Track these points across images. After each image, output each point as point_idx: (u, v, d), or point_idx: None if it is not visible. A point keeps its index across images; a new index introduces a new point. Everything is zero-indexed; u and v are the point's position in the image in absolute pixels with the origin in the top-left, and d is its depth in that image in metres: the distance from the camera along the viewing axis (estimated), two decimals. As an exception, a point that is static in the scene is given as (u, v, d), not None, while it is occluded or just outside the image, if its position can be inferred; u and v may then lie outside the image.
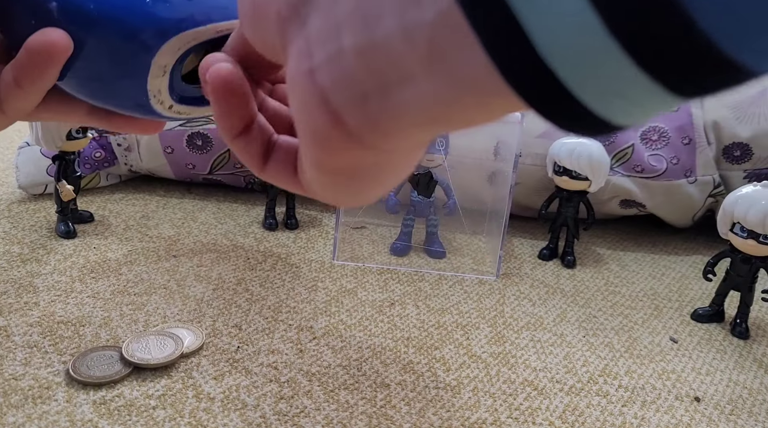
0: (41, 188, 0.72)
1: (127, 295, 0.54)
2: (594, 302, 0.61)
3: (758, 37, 0.11)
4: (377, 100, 0.16)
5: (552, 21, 0.12)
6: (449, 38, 0.14)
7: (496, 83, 0.13)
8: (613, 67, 0.12)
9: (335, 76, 0.16)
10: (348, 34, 0.15)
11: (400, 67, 0.15)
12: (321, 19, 0.16)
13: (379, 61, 0.15)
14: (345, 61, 0.16)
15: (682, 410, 0.46)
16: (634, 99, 0.12)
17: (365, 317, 0.54)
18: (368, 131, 0.17)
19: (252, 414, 0.41)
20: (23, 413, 0.39)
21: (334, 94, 0.16)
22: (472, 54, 0.13)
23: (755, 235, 0.54)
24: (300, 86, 0.17)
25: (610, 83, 0.12)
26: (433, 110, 0.15)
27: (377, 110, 0.16)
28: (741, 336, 0.57)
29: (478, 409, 0.43)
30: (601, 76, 0.12)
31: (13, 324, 0.48)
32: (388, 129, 0.17)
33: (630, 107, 0.13)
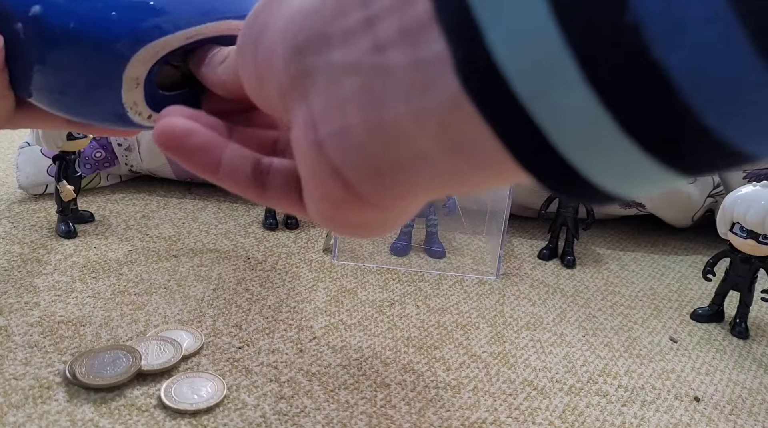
0: (42, 188, 0.72)
1: (128, 295, 0.54)
2: (594, 302, 0.61)
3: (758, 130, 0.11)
4: (391, 174, 0.16)
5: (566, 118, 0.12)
6: (460, 122, 0.14)
7: (510, 163, 0.14)
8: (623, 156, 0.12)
9: (345, 150, 0.16)
10: (354, 113, 0.15)
11: (413, 146, 0.15)
12: (323, 95, 0.16)
13: (390, 140, 0.15)
14: (354, 138, 0.15)
15: (682, 410, 0.46)
16: (644, 179, 0.13)
17: (365, 317, 0.54)
18: (381, 198, 0.17)
19: (252, 413, 0.41)
20: (24, 413, 0.39)
21: (344, 167, 0.16)
22: (484, 138, 0.14)
23: (755, 235, 0.54)
24: (308, 155, 0.17)
25: (620, 168, 0.13)
26: (447, 182, 0.16)
27: (390, 182, 0.16)
28: (740, 335, 0.57)
29: (478, 409, 0.43)
30: (618, 166, 0.13)
31: (13, 324, 0.48)
32: (401, 196, 0.17)
33: (639, 185, 0.14)
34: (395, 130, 0.15)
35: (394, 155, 0.15)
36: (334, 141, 0.16)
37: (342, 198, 0.17)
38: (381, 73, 0.14)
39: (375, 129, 0.15)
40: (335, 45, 0.15)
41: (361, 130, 0.15)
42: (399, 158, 0.15)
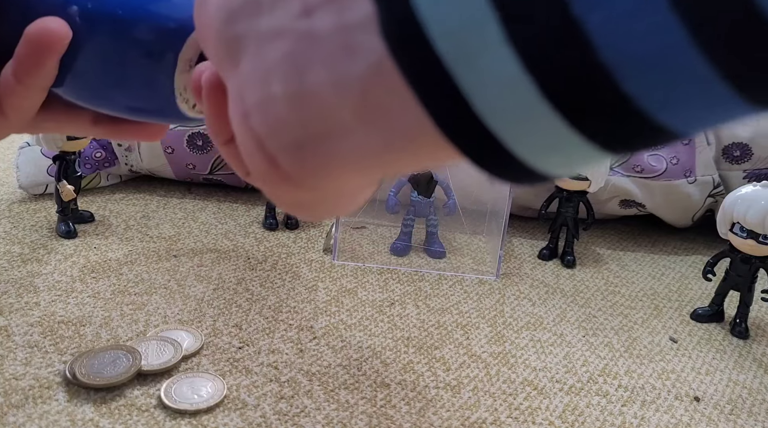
0: (42, 188, 0.72)
1: (128, 295, 0.54)
2: (594, 302, 0.61)
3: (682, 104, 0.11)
4: (310, 148, 0.15)
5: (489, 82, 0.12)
6: (382, 91, 0.13)
7: (431, 135, 0.13)
8: (545, 126, 0.12)
9: (267, 122, 0.15)
10: (277, 82, 0.15)
11: (333, 119, 0.14)
12: (250, 64, 0.15)
13: (311, 111, 0.15)
14: (275, 108, 0.15)
15: (682, 410, 0.46)
16: (567, 154, 0.13)
17: (365, 317, 0.54)
18: (303, 176, 0.16)
19: (252, 413, 0.41)
20: (24, 413, 0.39)
21: (267, 139, 0.16)
22: (406, 107, 0.13)
23: (755, 235, 0.54)
24: (236, 127, 0.17)
25: (543, 140, 0.12)
26: (368, 159, 0.15)
27: (311, 157, 0.15)
28: (740, 335, 0.57)
29: (478, 409, 0.43)
30: (535, 133, 0.12)
31: (13, 324, 0.48)
32: (323, 175, 0.16)
33: (563, 161, 0.13)
34: (316, 100, 0.14)
35: (314, 127, 0.15)
36: (258, 112, 0.15)
37: (267, 174, 0.17)
38: (306, 39, 0.14)
39: (296, 99, 0.15)
40: (265, 10, 0.15)
41: (282, 100, 0.15)
42: (319, 131, 0.15)
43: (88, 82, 0.27)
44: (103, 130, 0.31)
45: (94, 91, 0.27)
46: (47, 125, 0.29)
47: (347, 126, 0.14)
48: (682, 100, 0.11)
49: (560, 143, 0.12)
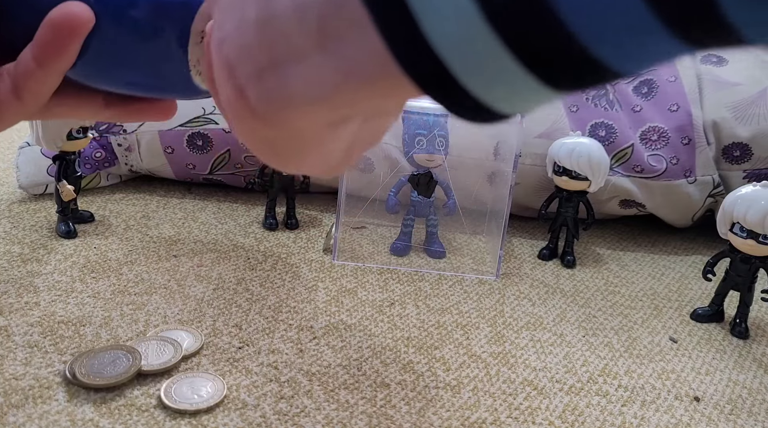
0: (42, 188, 0.72)
1: (128, 295, 0.54)
2: (594, 302, 0.61)
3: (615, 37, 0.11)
4: (270, 75, 0.16)
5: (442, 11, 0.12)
6: (341, 16, 0.14)
7: (386, 66, 0.14)
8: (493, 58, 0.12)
9: (237, 47, 0.16)
10: (250, 7, 0.16)
11: (292, 44, 0.15)
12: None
13: (273, 36, 0.15)
14: (245, 34, 0.16)
15: (682, 410, 0.46)
16: (514, 89, 0.13)
17: (365, 317, 0.54)
18: (265, 107, 0.17)
19: (252, 413, 0.41)
20: (24, 413, 0.39)
21: (237, 66, 0.17)
22: (363, 35, 0.14)
23: (755, 235, 0.54)
24: (213, 55, 0.17)
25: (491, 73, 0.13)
26: (324, 90, 0.15)
27: (271, 85, 0.16)
28: (740, 335, 0.57)
29: (478, 409, 0.43)
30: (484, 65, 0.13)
31: (13, 324, 0.48)
32: (282, 106, 0.17)
33: (511, 97, 0.13)
34: (279, 23, 0.15)
35: (275, 52, 0.15)
36: (231, 38, 0.16)
37: (237, 107, 0.17)
38: None
39: (263, 23, 0.15)
40: None
41: (253, 24, 0.16)
42: (280, 56, 0.15)
43: (104, 63, 0.27)
44: (115, 111, 0.31)
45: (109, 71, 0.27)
46: (59, 109, 0.29)
47: (305, 52, 0.15)
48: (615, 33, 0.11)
49: (504, 74, 0.13)
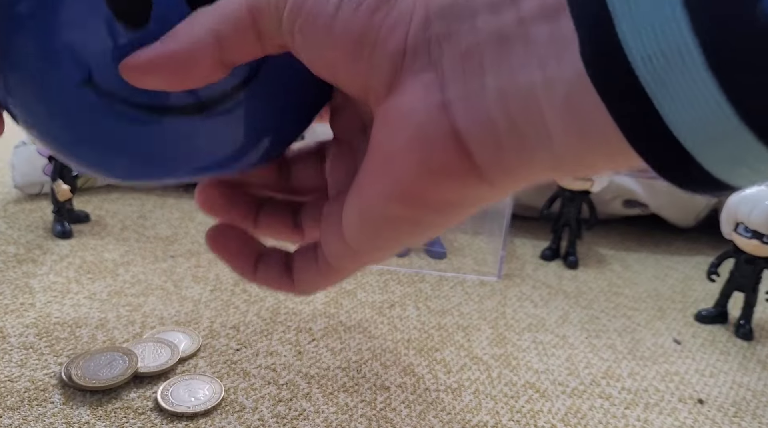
0: (37, 188, 0.72)
1: (124, 296, 0.53)
2: (597, 304, 0.61)
3: None
4: (510, 143, 0.16)
5: (686, 102, 0.13)
6: (583, 98, 0.15)
7: (624, 147, 0.15)
8: (738, 143, 0.13)
9: (472, 115, 0.16)
10: (491, 76, 0.16)
11: (536, 117, 0.16)
12: (460, 58, 0.17)
13: (517, 107, 0.16)
14: (485, 101, 0.16)
15: (686, 412, 0.45)
16: (754, 167, 0.14)
17: (365, 319, 0.53)
18: (494, 170, 0.17)
19: (250, 416, 0.40)
20: (19, 415, 0.39)
21: (468, 131, 0.17)
22: (602, 117, 0.14)
23: (759, 235, 0.53)
24: (421, 115, 0.17)
25: (737, 157, 0.14)
26: (559, 159, 0.16)
27: (508, 152, 0.16)
28: (745, 337, 0.56)
29: (479, 412, 0.43)
30: (730, 152, 0.14)
31: (8, 325, 0.48)
32: (515, 171, 0.17)
33: (749, 173, 0.14)
34: (525, 96, 0.15)
35: (516, 123, 0.16)
36: (464, 103, 0.16)
37: (452, 163, 0.17)
38: (523, 42, 0.15)
39: (507, 92, 0.16)
40: (480, 13, 0.16)
41: (493, 92, 0.16)
42: (521, 127, 0.16)
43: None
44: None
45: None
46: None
47: (547, 126, 0.16)
48: None
49: (749, 158, 0.14)
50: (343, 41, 0.18)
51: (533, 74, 0.15)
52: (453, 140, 0.17)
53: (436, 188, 0.18)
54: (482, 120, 0.16)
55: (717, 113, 0.13)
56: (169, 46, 0.20)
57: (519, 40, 0.15)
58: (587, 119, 0.15)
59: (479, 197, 0.19)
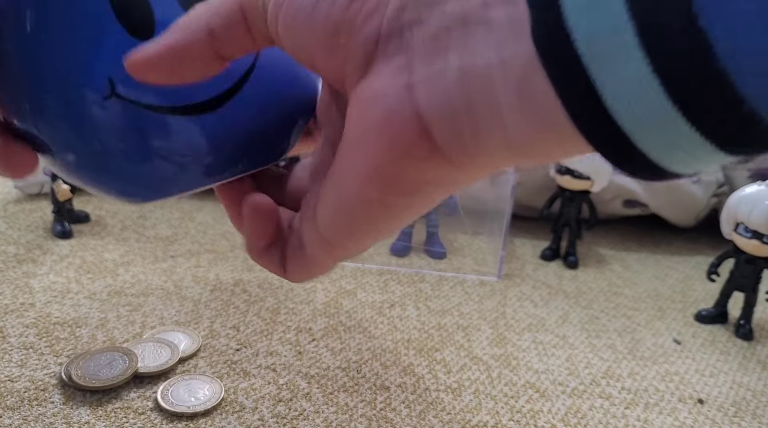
0: (37, 188, 0.72)
1: (124, 296, 0.53)
2: (597, 304, 0.61)
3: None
4: (468, 126, 0.17)
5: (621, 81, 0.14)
6: (535, 81, 0.15)
7: (573, 131, 0.15)
8: (669, 124, 0.14)
9: (433, 95, 0.17)
10: (454, 58, 0.16)
11: (492, 99, 0.16)
12: (429, 41, 0.17)
13: (475, 89, 0.16)
14: (445, 81, 0.17)
15: (686, 412, 0.45)
16: (687, 152, 0.14)
17: (365, 319, 0.53)
18: (456, 152, 0.18)
19: (250, 416, 0.40)
20: (19, 415, 0.39)
21: (428, 110, 0.17)
22: (552, 101, 0.15)
23: (759, 235, 0.53)
24: (388, 98, 0.18)
25: (670, 140, 0.14)
26: (513, 142, 0.17)
27: (466, 133, 0.17)
28: (745, 337, 0.56)
29: (479, 412, 0.43)
30: (663, 134, 0.14)
31: (8, 325, 0.48)
32: (475, 154, 0.18)
33: (688, 160, 0.15)
34: (483, 78, 0.16)
35: (473, 105, 0.16)
36: (426, 84, 0.17)
37: (415, 143, 0.18)
38: (484, 24, 0.16)
39: (467, 74, 0.16)
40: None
41: (454, 74, 0.16)
42: (477, 109, 0.16)
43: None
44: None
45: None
46: None
47: (501, 106, 0.16)
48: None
49: (681, 141, 0.14)
50: (321, 31, 0.19)
51: (491, 56, 0.16)
52: (416, 121, 0.17)
53: (405, 169, 0.18)
54: (441, 101, 0.17)
55: (649, 94, 0.13)
56: (165, 42, 0.21)
57: (481, 23, 0.16)
58: (538, 102, 0.15)
59: (448, 178, 0.19)
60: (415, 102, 0.17)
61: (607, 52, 0.14)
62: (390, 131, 0.18)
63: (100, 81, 0.23)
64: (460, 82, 0.16)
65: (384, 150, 0.18)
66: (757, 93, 0.13)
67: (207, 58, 0.21)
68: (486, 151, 0.17)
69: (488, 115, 0.16)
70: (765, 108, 0.13)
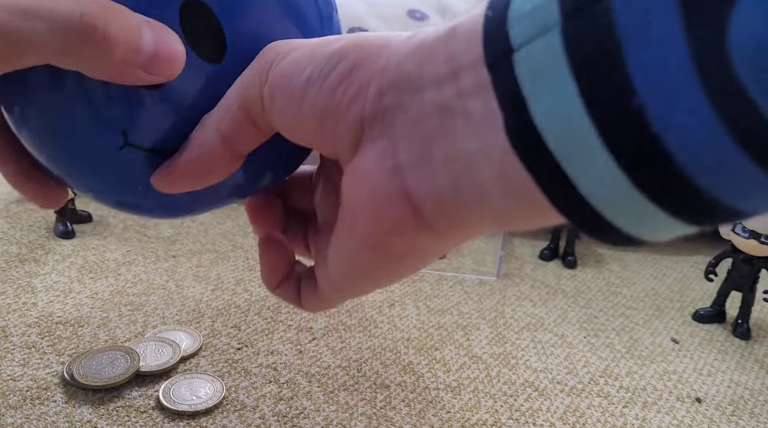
0: (40, 188, 0.72)
1: (126, 296, 0.54)
2: (595, 303, 0.61)
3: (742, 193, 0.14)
4: (453, 202, 0.18)
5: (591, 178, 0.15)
6: (513, 167, 0.16)
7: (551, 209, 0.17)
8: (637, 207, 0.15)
9: (421, 178, 0.18)
10: (437, 144, 0.18)
11: (475, 182, 0.17)
12: (409, 127, 0.18)
13: (459, 173, 0.18)
14: (431, 167, 0.18)
15: (684, 411, 0.45)
16: (655, 226, 0.16)
17: (365, 318, 0.54)
18: (442, 224, 0.19)
19: (251, 415, 0.41)
20: (22, 414, 0.39)
21: (417, 192, 0.19)
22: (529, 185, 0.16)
23: (756, 235, 0.54)
24: (376, 178, 0.19)
25: (640, 218, 0.16)
26: (497, 217, 0.18)
27: (453, 210, 0.19)
28: (742, 336, 0.57)
29: (478, 410, 0.43)
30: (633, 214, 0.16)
31: (11, 325, 0.48)
32: (460, 226, 0.19)
33: (652, 230, 0.16)
34: (466, 164, 0.17)
35: (459, 186, 0.18)
36: (413, 167, 0.18)
37: (405, 219, 0.19)
38: (462, 115, 0.17)
39: (451, 160, 0.18)
40: (427, 86, 0.18)
41: (439, 159, 0.18)
42: (463, 190, 0.18)
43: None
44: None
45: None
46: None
47: (486, 188, 0.17)
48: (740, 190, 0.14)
49: (650, 219, 0.16)
50: (311, 118, 0.21)
51: (471, 144, 0.17)
52: (405, 199, 0.19)
53: (395, 240, 0.20)
54: (429, 183, 0.18)
55: (617, 184, 0.15)
56: (186, 157, 0.23)
57: (459, 113, 0.17)
58: (517, 185, 0.17)
59: (434, 246, 0.21)
60: (404, 182, 0.19)
61: (575, 151, 0.15)
62: (380, 208, 0.19)
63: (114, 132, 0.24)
64: (444, 166, 0.18)
65: (374, 224, 0.20)
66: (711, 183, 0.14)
67: (226, 161, 0.23)
68: (471, 224, 0.19)
69: (473, 196, 0.18)
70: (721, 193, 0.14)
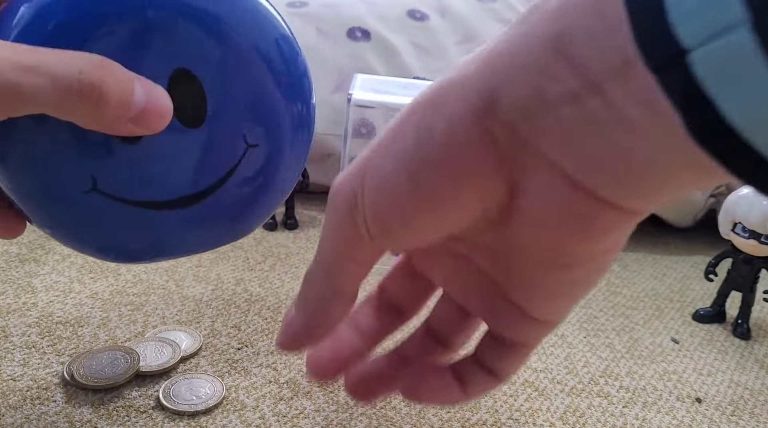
0: (40, 188, 0.72)
1: (126, 295, 0.54)
2: (595, 303, 0.61)
3: None
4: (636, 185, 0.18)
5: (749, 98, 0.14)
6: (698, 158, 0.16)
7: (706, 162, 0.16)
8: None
9: (598, 177, 0.18)
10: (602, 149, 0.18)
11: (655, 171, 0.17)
12: (558, 144, 0.18)
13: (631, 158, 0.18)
14: (607, 165, 0.18)
15: (684, 411, 0.45)
16: None
17: (365, 318, 0.54)
18: (624, 196, 0.19)
19: (251, 415, 0.41)
20: (22, 414, 0.39)
21: (598, 187, 0.19)
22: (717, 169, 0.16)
23: (757, 235, 0.54)
24: (560, 196, 0.19)
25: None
26: (680, 189, 0.18)
27: (633, 182, 0.18)
28: (742, 336, 0.57)
29: (478, 410, 0.43)
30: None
31: (11, 325, 0.48)
32: (637, 192, 0.19)
33: None
34: (640, 160, 0.17)
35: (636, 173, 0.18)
36: (587, 171, 0.18)
37: (598, 216, 0.20)
38: (619, 122, 0.17)
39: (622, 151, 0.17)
40: (559, 105, 0.18)
41: (609, 157, 0.18)
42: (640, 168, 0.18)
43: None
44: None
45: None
46: None
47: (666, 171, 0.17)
48: None
49: None
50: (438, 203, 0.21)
51: (641, 146, 0.17)
52: (592, 198, 0.19)
53: (598, 237, 0.21)
54: (609, 178, 0.18)
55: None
56: (305, 315, 0.26)
57: (613, 122, 0.17)
58: (703, 172, 0.17)
59: (625, 226, 0.22)
60: (585, 190, 0.19)
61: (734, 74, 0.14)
62: (576, 221, 0.20)
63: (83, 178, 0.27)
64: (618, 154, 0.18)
65: (569, 236, 0.21)
66: None
67: (344, 312, 0.26)
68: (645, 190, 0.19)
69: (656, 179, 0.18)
70: None
